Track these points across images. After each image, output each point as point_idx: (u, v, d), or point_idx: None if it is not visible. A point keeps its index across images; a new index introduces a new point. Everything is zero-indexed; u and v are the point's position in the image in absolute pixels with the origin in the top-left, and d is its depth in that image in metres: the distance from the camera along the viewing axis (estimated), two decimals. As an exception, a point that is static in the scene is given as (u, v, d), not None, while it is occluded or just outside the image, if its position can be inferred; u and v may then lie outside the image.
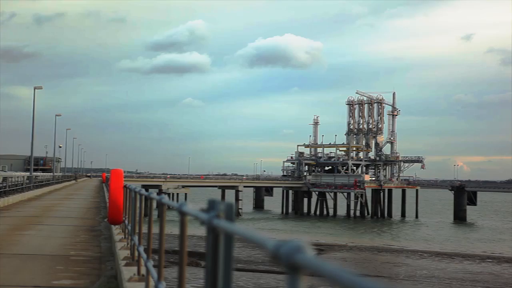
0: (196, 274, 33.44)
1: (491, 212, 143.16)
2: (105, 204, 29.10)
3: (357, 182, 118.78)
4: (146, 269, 8.46)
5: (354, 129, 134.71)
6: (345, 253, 58.35)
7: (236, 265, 42.70)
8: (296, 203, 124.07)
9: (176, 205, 5.46)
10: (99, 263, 13.41)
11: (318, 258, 2.01)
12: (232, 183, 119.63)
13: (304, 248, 2.11)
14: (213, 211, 3.70)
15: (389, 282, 41.54)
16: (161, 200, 7.43)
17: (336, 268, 1.82)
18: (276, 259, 2.23)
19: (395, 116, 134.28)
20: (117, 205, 16.96)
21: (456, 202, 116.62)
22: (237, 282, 36.33)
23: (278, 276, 38.76)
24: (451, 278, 44.68)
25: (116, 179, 17.30)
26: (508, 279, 45.23)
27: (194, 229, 29.17)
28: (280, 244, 2.21)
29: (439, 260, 55.09)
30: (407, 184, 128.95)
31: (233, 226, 3.42)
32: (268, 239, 2.43)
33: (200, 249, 45.43)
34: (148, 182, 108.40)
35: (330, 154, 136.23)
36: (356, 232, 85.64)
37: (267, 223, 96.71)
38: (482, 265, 52.82)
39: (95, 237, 18.38)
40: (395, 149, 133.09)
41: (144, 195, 10.89)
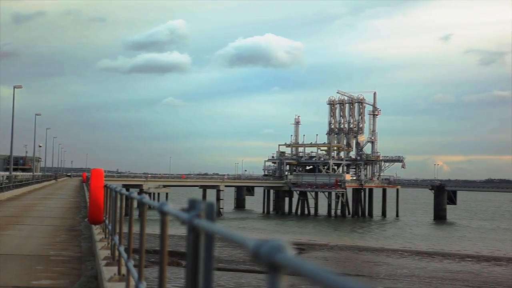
0: (177, 274, 33.36)
1: (470, 211, 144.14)
2: (86, 203, 28.95)
3: (338, 182, 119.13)
4: (127, 269, 8.43)
5: (335, 128, 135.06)
6: (326, 253, 58.52)
7: (217, 265, 42.67)
8: (277, 203, 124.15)
9: (156, 204, 5.45)
10: (79, 263, 13.34)
11: (298, 257, 2.01)
12: (213, 182, 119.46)
13: (284, 248, 2.11)
14: (193, 211, 3.70)
15: (370, 281, 41.69)
16: (142, 199, 7.41)
17: (316, 267, 1.83)
18: (256, 258, 2.23)
19: (376, 115, 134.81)
20: (98, 204, 16.88)
21: (436, 201, 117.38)
22: (218, 282, 36.30)
23: (259, 275, 38.77)
24: (431, 277, 44.95)
25: (97, 178, 17.22)
26: (487, 278, 45.59)
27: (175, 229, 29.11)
28: (260, 243, 2.21)
29: (419, 259, 55.41)
30: (388, 184, 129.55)
31: (213, 225, 3.42)
32: (249, 239, 2.43)
33: (181, 249, 45.32)
34: (129, 181, 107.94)
35: (311, 153, 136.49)
36: (337, 232, 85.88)
37: (248, 223, 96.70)
38: (462, 264, 53.20)
39: (75, 237, 18.29)
40: (376, 149, 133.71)
41: (124, 194, 10.85)
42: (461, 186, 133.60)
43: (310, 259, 51.57)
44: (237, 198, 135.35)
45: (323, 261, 51.39)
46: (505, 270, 50.03)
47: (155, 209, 5.65)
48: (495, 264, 53.61)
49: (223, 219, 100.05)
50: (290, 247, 2.15)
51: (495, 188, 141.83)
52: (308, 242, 66.44)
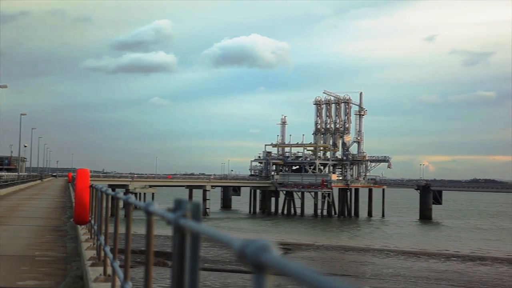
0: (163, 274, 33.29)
1: (456, 211, 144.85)
2: (71, 204, 28.85)
3: (324, 182, 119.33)
4: (112, 269, 8.40)
5: (321, 128, 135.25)
6: (312, 252, 58.60)
7: (203, 265, 42.64)
8: (263, 203, 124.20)
9: (142, 204, 5.43)
10: (65, 264, 13.28)
11: (284, 257, 2.02)
12: (200, 182, 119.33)
13: (270, 248, 2.12)
14: (179, 211, 3.69)
15: (356, 281, 41.79)
16: (128, 199, 7.39)
17: (301, 267, 1.83)
18: (242, 258, 2.23)
19: (362, 116, 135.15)
20: (83, 205, 16.83)
21: (422, 201, 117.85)
22: (204, 282, 36.26)
23: (245, 275, 38.77)
24: (416, 277, 45.12)
25: (82, 178, 17.17)
26: (472, 277, 45.82)
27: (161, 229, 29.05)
28: (246, 243, 2.21)
29: (405, 258, 55.61)
30: (374, 184, 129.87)
31: (199, 225, 3.42)
32: (234, 239, 2.43)
33: (167, 249, 45.20)
34: (115, 181, 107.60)
35: (298, 153, 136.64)
36: (323, 232, 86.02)
37: (234, 223, 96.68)
38: (447, 263, 53.45)
39: (60, 237, 18.21)
40: (362, 149, 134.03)
41: (110, 194, 10.82)
42: (446, 186, 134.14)
43: (296, 259, 51.63)
44: (224, 198, 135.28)
45: (309, 261, 51.46)
46: (490, 270, 50.31)
47: (141, 209, 5.64)
48: (480, 263, 53.90)
49: (209, 219, 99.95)
50: (276, 247, 2.15)
51: (480, 188, 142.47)
52: (294, 242, 66.51)
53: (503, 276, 46.78)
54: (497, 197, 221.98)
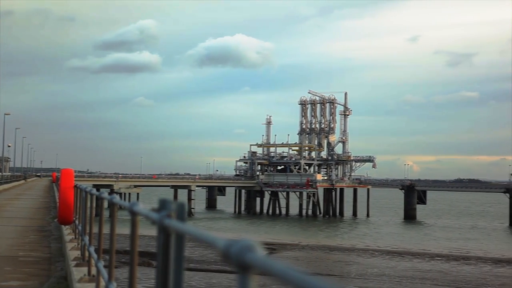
0: (148, 274, 33.25)
1: (440, 211, 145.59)
2: (55, 204, 28.70)
3: (309, 182, 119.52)
4: (97, 269, 8.38)
5: (306, 128, 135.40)
6: (297, 252, 58.68)
7: (188, 265, 42.60)
8: (248, 203, 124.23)
9: (127, 204, 5.42)
10: (49, 264, 13.22)
11: (268, 257, 2.02)
12: (185, 182, 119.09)
13: (255, 248, 2.12)
14: (164, 211, 3.69)
15: (340, 281, 41.90)
16: (112, 200, 7.37)
17: (286, 267, 1.83)
18: (226, 258, 2.23)
19: (347, 116, 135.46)
20: (68, 205, 16.76)
21: (407, 201, 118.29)
22: (189, 282, 36.24)
23: (230, 275, 38.76)
24: (401, 276, 45.31)
25: (67, 178, 17.09)
26: (456, 277, 46.06)
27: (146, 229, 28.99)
28: (230, 243, 2.21)
29: (389, 258, 55.81)
30: (359, 183, 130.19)
31: (184, 225, 3.41)
32: (219, 239, 2.43)
33: (152, 249, 45.10)
34: (99, 181, 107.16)
35: (283, 153, 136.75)
36: (308, 231, 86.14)
37: (219, 223, 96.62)
38: (432, 263, 53.69)
39: (44, 238, 18.12)
40: (347, 149, 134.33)
41: (95, 195, 10.79)
42: (431, 186, 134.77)
43: (281, 259, 51.69)
44: (209, 198, 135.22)
45: (294, 260, 51.53)
46: (473, 269, 50.60)
47: (126, 209, 5.62)
48: (464, 263, 54.20)
49: (195, 219, 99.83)
50: (261, 247, 2.15)
51: (464, 188, 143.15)
52: (279, 242, 66.57)
53: (487, 276, 47.06)
54: (481, 197, 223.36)
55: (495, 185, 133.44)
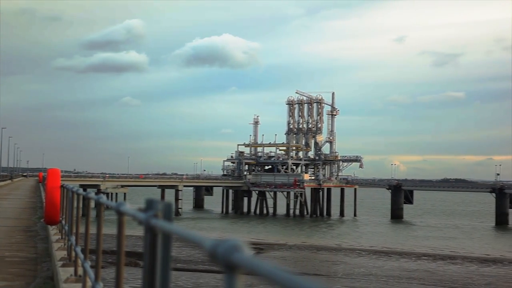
0: (135, 275, 33.18)
1: (426, 211, 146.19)
2: (42, 204, 28.57)
3: (297, 181, 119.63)
4: (83, 269, 8.35)
5: (294, 128, 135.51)
6: (285, 252, 58.74)
7: (176, 265, 42.54)
8: (236, 203, 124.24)
9: (114, 204, 5.40)
10: (35, 264, 13.16)
11: (255, 257, 2.02)
12: (172, 182, 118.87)
13: (241, 247, 2.12)
14: (151, 211, 3.68)
15: (327, 281, 41.97)
16: (99, 199, 7.34)
17: (273, 267, 1.83)
18: (213, 258, 2.23)
19: (334, 115, 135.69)
20: (54, 205, 16.70)
21: (393, 200, 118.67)
22: (176, 282, 36.19)
23: (217, 275, 38.74)
24: (388, 276, 45.45)
25: (53, 178, 17.02)
26: (443, 276, 46.26)
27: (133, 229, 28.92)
28: (217, 243, 2.21)
29: (376, 258, 55.97)
30: (346, 183, 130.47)
31: (171, 225, 3.41)
32: (206, 239, 2.43)
33: (139, 249, 44.99)
34: (86, 181, 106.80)
35: (270, 153, 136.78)
36: (296, 231, 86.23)
37: (207, 223, 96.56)
38: (418, 262, 53.89)
39: (31, 238, 18.04)
40: (334, 149, 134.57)
41: (81, 195, 10.75)
42: (417, 185, 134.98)
43: (268, 258, 51.72)
44: (196, 198, 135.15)
45: (281, 260, 51.57)
46: (460, 269, 50.84)
47: (112, 209, 5.61)
48: (450, 262, 54.44)
49: (182, 219, 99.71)
50: (248, 247, 2.15)
51: (451, 188, 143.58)
52: (266, 241, 66.62)
53: (473, 275, 47.29)
54: (467, 197, 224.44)
55: (481, 185, 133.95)
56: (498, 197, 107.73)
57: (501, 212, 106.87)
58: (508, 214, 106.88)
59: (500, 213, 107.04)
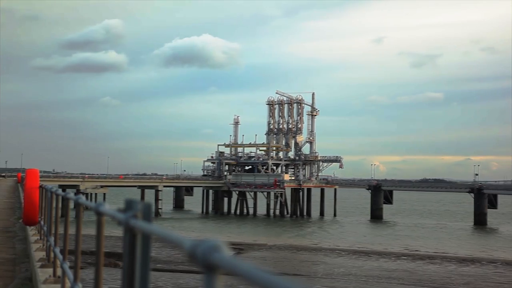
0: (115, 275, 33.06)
1: (406, 211, 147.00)
2: (20, 204, 28.35)
3: (277, 182, 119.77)
4: (62, 270, 8.30)
5: (274, 129, 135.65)
6: (265, 252, 58.78)
7: (156, 265, 42.43)
8: (216, 203, 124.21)
9: (93, 205, 5.38)
10: (13, 265, 13.07)
11: (234, 258, 2.02)
12: (152, 182, 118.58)
13: (221, 248, 2.12)
14: (130, 211, 3.66)
15: (307, 281, 42.07)
16: (78, 200, 7.31)
17: (252, 267, 1.83)
18: (192, 258, 2.22)
19: (314, 116, 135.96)
20: (33, 205, 16.60)
21: (373, 201, 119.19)
22: (156, 283, 36.10)
23: (197, 276, 38.68)
24: (367, 276, 45.63)
25: (32, 179, 16.92)
26: (422, 276, 46.54)
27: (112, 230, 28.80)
28: (196, 243, 2.21)
29: (356, 258, 56.18)
30: (326, 183, 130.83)
31: (150, 226, 3.40)
32: (185, 239, 2.43)
33: (119, 250, 44.83)
34: (65, 182, 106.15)
35: (250, 153, 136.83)
36: (276, 231, 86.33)
37: (187, 223, 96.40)
38: (397, 262, 54.17)
39: (9, 239, 17.90)
40: (314, 149, 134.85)
41: (60, 195, 10.69)
42: (397, 185, 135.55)
43: (248, 259, 51.75)
44: (176, 198, 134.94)
45: (261, 261, 51.61)
46: (439, 268, 51.17)
47: (92, 209, 5.58)
48: (429, 262, 54.77)
49: (162, 219, 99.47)
50: (227, 247, 2.15)
51: (430, 188, 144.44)
52: (246, 242, 66.63)
53: (452, 275, 47.63)
54: (446, 197, 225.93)
55: (460, 185, 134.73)
56: (477, 197, 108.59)
57: (479, 212, 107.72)
58: (486, 214, 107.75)
59: (478, 213, 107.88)
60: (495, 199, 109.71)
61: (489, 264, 54.23)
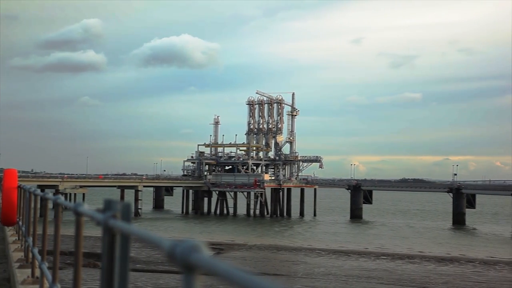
0: (94, 276, 32.90)
1: (385, 210, 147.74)
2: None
3: (257, 182, 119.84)
4: (41, 271, 8.25)
5: (254, 129, 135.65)
6: (245, 252, 58.78)
7: (135, 266, 42.30)
8: (196, 203, 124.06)
9: (71, 205, 5.35)
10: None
11: (213, 258, 2.02)
12: (132, 183, 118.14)
13: (200, 248, 2.11)
14: (109, 211, 3.65)
15: (287, 280, 42.12)
16: (57, 200, 7.27)
17: (231, 267, 1.83)
18: (171, 259, 2.22)
19: (294, 116, 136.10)
20: (11, 205, 16.47)
21: (353, 200, 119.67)
22: (135, 283, 35.98)
23: (177, 276, 38.61)
24: (347, 275, 45.78)
25: (10, 179, 16.80)
26: (401, 275, 46.77)
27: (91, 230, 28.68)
28: (175, 243, 2.20)
29: (336, 257, 56.35)
30: (306, 183, 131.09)
31: (129, 226, 3.39)
32: (164, 239, 2.42)
33: (98, 250, 44.64)
34: (44, 182, 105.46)
35: (231, 153, 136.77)
36: (256, 231, 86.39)
37: (166, 223, 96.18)
38: (377, 262, 54.40)
39: (-13, 239, 17.76)
40: (294, 149, 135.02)
41: (39, 195, 10.62)
42: (376, 185, 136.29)
43: (228, 259, 51.75)
44: (156, 198, 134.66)
45: (241, 261, 51.61)
46: (418, 268, 51.46)
47: (70, 210, 5.55)
48: (408, 261, 55.06)
49: (142, 219, 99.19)
50: (206, 247, 2.15)
51: (409, 188, 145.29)
52: (227, 242, 66.62)
53: (431, 274, 47.93)
54: (425, 197, 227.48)
55: (439, 185, 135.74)
56: (455, 197, 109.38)
57: (458, 212, 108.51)
58: (465, 214, 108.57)
59: (457, 213, 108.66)
60: (473, 199, 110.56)
61: (468, 264, 54.63)
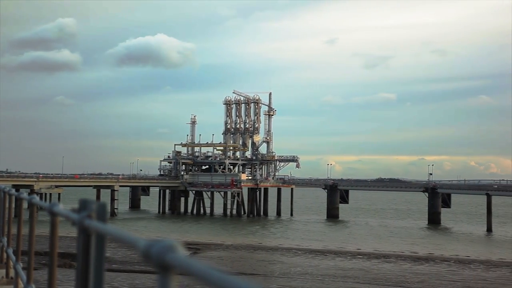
0: (69, 276, 32.71)
1: (362, 210, 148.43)
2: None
3: (234, 181, 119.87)
4: (15, 271, 8.19)
5: (231, 128, 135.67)
6: (222, 252, 58.76)
7: (111, 266, 42.10)
8: (173, 203, 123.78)
9: (46, 205, 5.32)
10: (-35, 267, 12.82)
11: (189, 258, 2.01)
12: (108, 182, 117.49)
13: (176, 248, 2.11)
14: (84, 211, 3.63)
15: (264, 280, 42.16)
16: (32, 200, 7.21)
17: (206, 267, 1.83)
18: (147, 258, 2.21)
19: (271, 116, 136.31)
20: (-15, 205, 16.30)
21: (329, 200, 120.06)
22: (111, 283, 35.82)
23: (154, 276, 38.46)
24: (323, 275, 45.94)
25: (-16, 178, 16.64)
26: (377, 275, 47.02)
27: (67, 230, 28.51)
28: (151, 243, 2.20)
29: (312, 257, 56.52)
30: (283, 183, 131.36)
31: (104, 226, 3.38)
32: (140, 239, 2.41)
33: (74, 250, 44.34)
34: (19, 182, 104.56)
35: (208, 153, 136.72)
36: (233, 231, 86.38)
37: (143, 223, 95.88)
38: (353, 261, 54.66)
39: (-40, 240, 17.56)
40: (271, 149, 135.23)
41: (13, 195, 10.52)
42: (353, 185, 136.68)
43: (204, 258, 51.71)
44: (132, 198, 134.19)
45: (218, 260, 51.59)
46: (393, 267, 51.76)
47: (45, 210, 5.51)
48: (384, 261, 55.38)
49: (118, 219, 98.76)
50: (182, 247, 2.14)
51: (385, 187, 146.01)
52: (203, 241, 66.54)
53: (406, 273, 48.23)
54: (401, 196, 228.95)
55: (414, 184, 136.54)
56: (431, 197, 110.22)
57: (433, 211, 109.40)
58: (440, 213, 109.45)
59: (432, 212, 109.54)
60: (448, 199, 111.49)
61: (443, 263, 55.06)
